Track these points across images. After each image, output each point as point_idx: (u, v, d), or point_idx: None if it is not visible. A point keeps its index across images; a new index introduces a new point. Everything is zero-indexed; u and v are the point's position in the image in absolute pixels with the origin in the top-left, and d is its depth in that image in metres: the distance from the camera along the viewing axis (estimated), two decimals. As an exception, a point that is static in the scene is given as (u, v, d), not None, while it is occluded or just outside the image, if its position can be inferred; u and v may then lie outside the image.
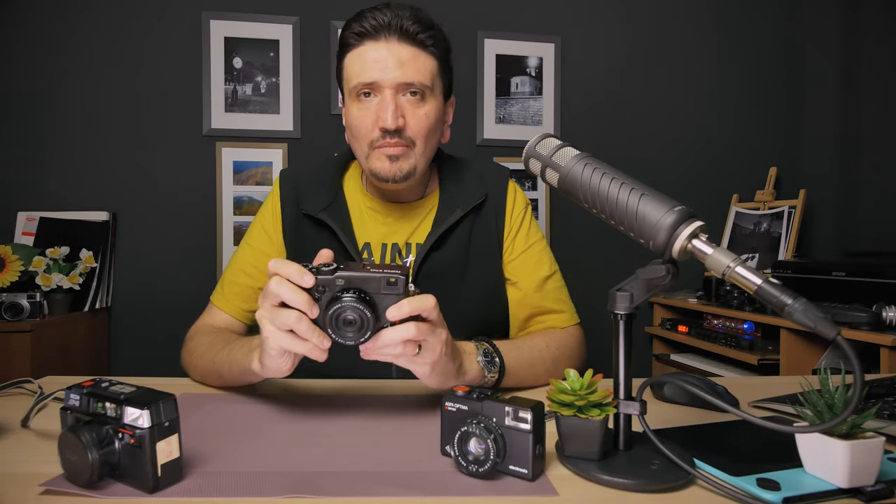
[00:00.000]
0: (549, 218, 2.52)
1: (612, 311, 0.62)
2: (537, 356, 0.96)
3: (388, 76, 0.95)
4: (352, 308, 0.66)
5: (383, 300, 0.68)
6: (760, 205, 2.45)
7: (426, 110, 0.99)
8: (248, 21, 2.34)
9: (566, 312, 1.10)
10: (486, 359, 0.86)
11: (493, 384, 0.86)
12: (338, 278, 0.67)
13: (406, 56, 0.96)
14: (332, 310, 0.66)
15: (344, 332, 0.67)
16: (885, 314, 1.56)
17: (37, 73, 2.23)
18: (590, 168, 0.64)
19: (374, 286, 0.68)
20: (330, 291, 0.67)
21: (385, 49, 0.96)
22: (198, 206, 2.33)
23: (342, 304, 0.66)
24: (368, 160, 1.00)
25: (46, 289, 1.99)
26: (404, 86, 0.97)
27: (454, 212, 1.05)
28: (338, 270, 0.68)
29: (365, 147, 1.00)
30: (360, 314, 0.66)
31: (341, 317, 0.66)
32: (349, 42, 0.99)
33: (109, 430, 0.54)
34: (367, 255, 1.06)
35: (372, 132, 0.98)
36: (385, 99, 0.96)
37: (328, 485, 0.56)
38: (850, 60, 2.38)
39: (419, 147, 0.99)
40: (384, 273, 0.68)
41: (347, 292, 0.67)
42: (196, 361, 0.95)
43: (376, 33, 0.96)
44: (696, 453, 0.61)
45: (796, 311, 0.52)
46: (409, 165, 0.99)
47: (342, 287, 0.67)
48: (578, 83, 2.55)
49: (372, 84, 0.96)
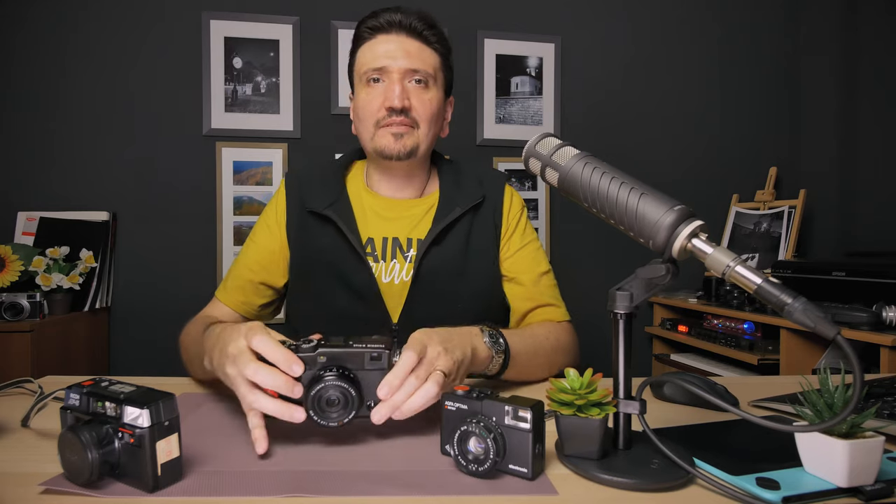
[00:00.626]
0: (549, 218, 2.52)
1: (612, 310, 0.62)
2: (539, 344, 0.99)
3: (397, 63, 1.05)
4: (334, 387, 0.64)
5: (367, 376, 0.67)
6: (760, 205, 2.45)
7: (430, 96, 1.07)
8: (248, 21, 2.34)
9: (561, 308, 1.14)
10: (491, 339, 0.88)
11: (500, 366, 0.89)
12: (319, 355, 0.66)
13: (413, 48, 1.06)
14: (315, 390, 0.64)
15: (328, 414, 0.65)
16: (885, 314, 1.56)
17: (37, 73, 2.23)
18: (590, 167, 0.64)
19: (357, 362, 0.67)
20: (312, 369, 0.66)
21: (395, 42, 1.06)
22: (198, 206, 2.33)
23: (325, 384, 0.64)
24: (374, 139, 1.07)
25: (46, 289, 1.99)
26: (411, 72, 1.05)
27: (454, 210, 1.10)
28: (319, 346, 0.67)
29: (371, 127, 1.07)
30: (344, 392, 0.65)
31: (324, 398, 0.64)
32: (363, 35, 1.09)
33: (109, 429, 0.54)
34: (371, 249, 1.10)
35: (378, 112, 1.05)
36: (392, 82, 1.04)
37: (328, 485, 0.56)
38: (850, 60, 2.38)
39: (423, 129, 1.07)
40: (367, 348, 0.67)
41: (329, 370, 0.66)
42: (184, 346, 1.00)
43: (388, 28, 1.06)
44: (695, 453, 0.61)
45: (796, 310, 0.52)
46: (413, 143, 1.06)
47: (324, 364, 0.66)
48: (578, 83, 2.55)
49: (381, 69, 1.05)
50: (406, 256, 1.09)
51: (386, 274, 1.08)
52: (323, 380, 0.65)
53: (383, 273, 1.08)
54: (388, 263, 1.09)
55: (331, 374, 0.65)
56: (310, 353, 0.67)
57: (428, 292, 1.07)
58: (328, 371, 0.66)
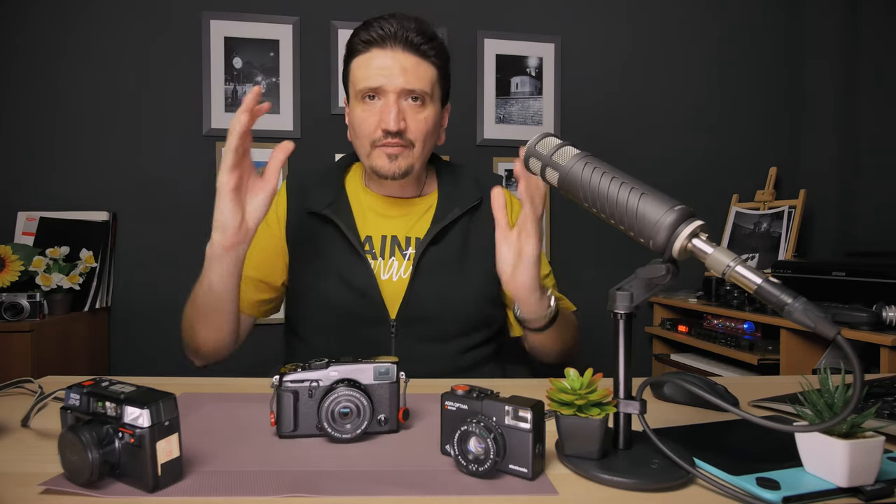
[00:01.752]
0: (549, 218, 2.52)
1: (612, 310, 0.62)
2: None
3: (393, 82, 1.02)
4: (347, 398, 0.67)
5: (377, 389, 0.70)
6: (760, 205, 2.45)
7: (426, 115, 1.06)
8: (248, 21, 2.34)
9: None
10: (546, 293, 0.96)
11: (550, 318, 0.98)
12: (331, 371, 0.69)
13: (409, 64, 1.03)
14: (329, 402, 0.67)
15: (341, 426, 0.67)
16: (885, 314, 1.56)
17: (37, 73, 2.23)
18: (590, 167, 0.64)
19: (367, 376, 0.70)
20: (324, 384, 0.69)
21: (390, 57, 1.03)
22: (198, 206, 2.33)
23: (337, 395, 0.67)
24: (370, 158, 1.07)
25: (46, 289, 1.99)
26: (407, 91, 1.04)
27: (453, 210, 1.11)
28: (330, 364, 0.70)
29: (367, 146, 1.07)
30: (356, 403, 0.67)
31: (337, 410, 0.67)
32: (356, 48, 1.06)
33: (109, 429, 0.54)
34: (369, 247, 1.11)
35: (374, 132, 1.05)
36: (389, 103, 1.03)
37: (328, 485, 0.56)
38: (850, 60, 2.38)
39: (417, 148, 1.06)
40: (376, 363, 0.70)
41: (341, 384, 0.69)
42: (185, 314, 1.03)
43: (383, 42, 1.03)
44: (696, 453, 0.61)
45: (796, 310, 0.52)
46: (408, 164, 1.06)
47: (336, 379, 0.69)
48: (578, 83, 2.55)
49: (377, 89, 1.03)
50: (405, 254, 1.11)
51: (384, 271, 1.10)
52: (335, 391, 0.67)
53: (382, 270, 1.10)
54: (386, 261, 1.10)
55: (342, 386, 0.68)
56: (321, 368, 0.69)
57: (425, 290, 1.08)
58: (339, 384, 0.69)
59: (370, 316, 1.07)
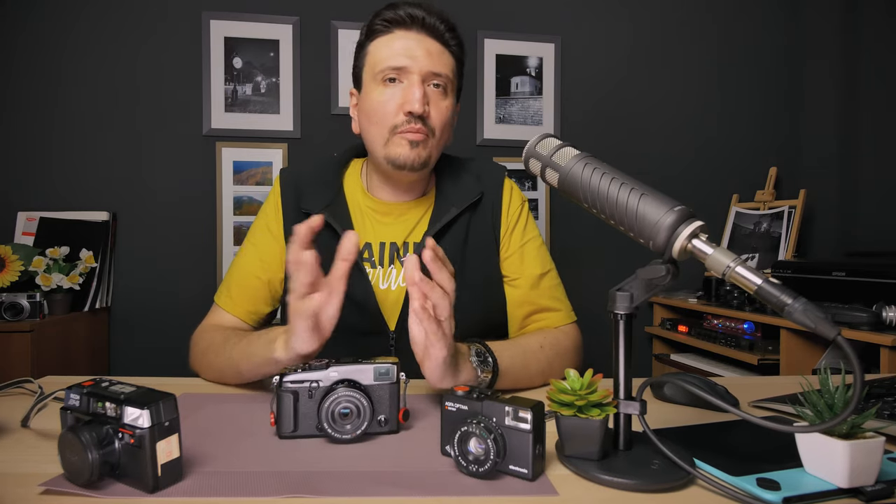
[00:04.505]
0: (549, 218, 2.52)
1: (612, 310, 0.62)
2: (531, 357, 0.96)
3: (418, 64, 0.97)
4: (347, 398, 0.67)
5: (377, 390, 0.70)
6: (760, 205, 2.45)
7: (447, 104, 1.01)
8: (248, 21, 2.34)
9: (562, 311, 1.09)
10: (478, 359, 0.86)
11: (487, 384, 0.86)
12: (331, 371, 0.70)
13: (434, 49, 0.99)
14: (329, 402, 0.67)
15: (342, 426, 0.68)
16: (885, 314, 1.56)
17: (37, 73, 2.23)
18: (590, 168, 0.64)
19: (367, 377, 0.70)
20: (324, 384, 0.69)
21: (415, 39, 0.98)
22: (198, 206, 2.33)
23: (337, 395, 0.67)
24: (387, 146, 0.99)
25: (46, 289, 1.99)
26: (432, 75, 0.98)
27: (449, 210, 1.05)
28: (331, 365, 0.70)
29: (385, 132, 0.99)
30: (356, 403, 0.68)
31: (337, 410, 0.67)
32: (377, 29, 1.00)
33: (109, 429, 0.54)
34: (368, 254, 1.06)
35: (395, 116, 0.98)
36: (413, 84, 0.97)
37: (328, 485, 0.56)
38: (850, 60, 2.38)
39: (436, 138, 1.01)
40: (376, 363, 0.71)
41: (341, 384, 0.69)
42: (210, 359, 0.95)
43: (408, 23, 0.98)
44: (696, 453, 0.61)
45: (796, 310, 0.52)
46: (427, 153, 1.00)
47: (336, 380, 0.69)
48: (578, 83, 2.55)
49: (401, 69, 0.97)
50: (403, 261, 1.05)
51: (383, 280, 1.04)
52: (335, 391, 0.68)
53: (380, 280, 1.04)
54: (385, 269, 1.05)
55: (342, 387, 0.68)
56: (321, 369, 0.69)
57: None
58: (339, 384, 0.69)
59: (368, 329, 1.01)
